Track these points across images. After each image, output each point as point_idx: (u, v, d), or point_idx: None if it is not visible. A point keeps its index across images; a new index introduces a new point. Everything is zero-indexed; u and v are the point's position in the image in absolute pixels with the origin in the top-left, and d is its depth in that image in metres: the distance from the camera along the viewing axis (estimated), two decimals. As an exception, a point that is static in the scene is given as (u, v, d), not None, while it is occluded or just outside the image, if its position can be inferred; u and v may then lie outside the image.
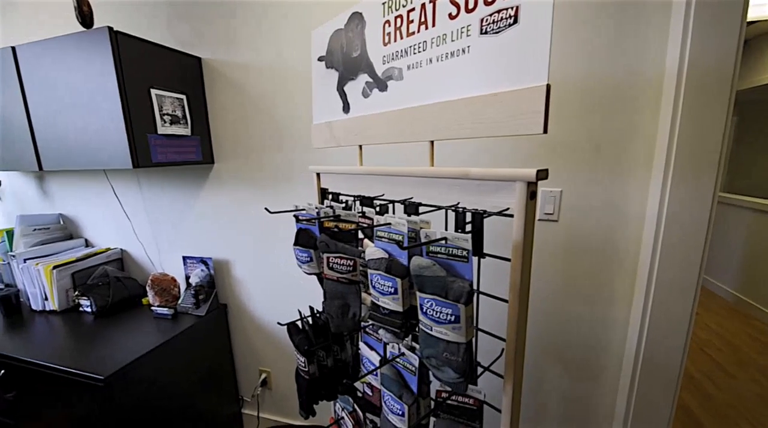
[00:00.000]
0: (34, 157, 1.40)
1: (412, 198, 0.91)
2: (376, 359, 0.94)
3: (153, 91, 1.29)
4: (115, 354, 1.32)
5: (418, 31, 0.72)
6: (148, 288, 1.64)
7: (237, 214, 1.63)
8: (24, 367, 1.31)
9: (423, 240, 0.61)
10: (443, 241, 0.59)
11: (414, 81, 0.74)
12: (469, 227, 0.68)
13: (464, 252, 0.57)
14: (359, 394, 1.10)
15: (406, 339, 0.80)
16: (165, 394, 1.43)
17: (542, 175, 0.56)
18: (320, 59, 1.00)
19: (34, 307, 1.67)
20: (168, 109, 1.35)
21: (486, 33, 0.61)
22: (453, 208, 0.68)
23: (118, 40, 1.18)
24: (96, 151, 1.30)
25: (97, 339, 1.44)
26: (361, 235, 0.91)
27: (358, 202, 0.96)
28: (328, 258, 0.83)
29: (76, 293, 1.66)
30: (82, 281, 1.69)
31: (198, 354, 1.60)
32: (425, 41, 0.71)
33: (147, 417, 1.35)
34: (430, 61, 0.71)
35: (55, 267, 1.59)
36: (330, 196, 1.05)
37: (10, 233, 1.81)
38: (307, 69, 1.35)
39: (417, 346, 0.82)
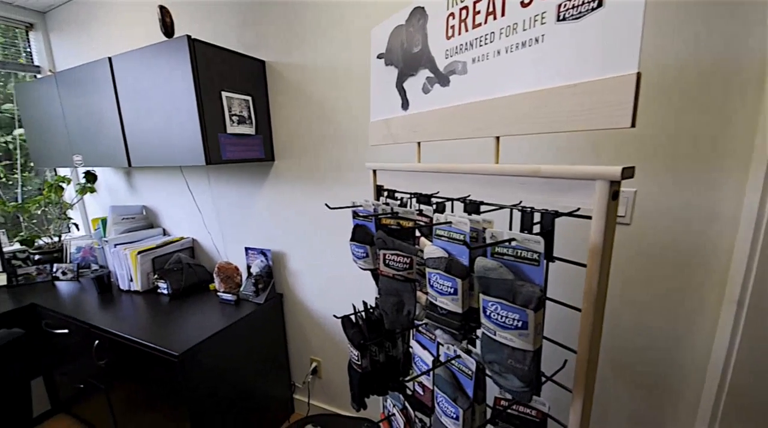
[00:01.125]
0: (124, 154, 1.58)
1: (469, 196, 0.88)
2: (428, 358, 0.93)
3: (224, 94, 1.39)
4: (187, 334, 1.45)
5: (485, 22, 0.69)
6: (214, 275, 1.79)
7: (293, 208, 1.71)
8: (113, 339, 1.49)
9: (488, 240, 0.58)
10: (511, 243, 0.56)
11: (479, 74, 0.71)
12: (536, 228, 0.64)
13: (535, 255, 0.53)
14: (409, 392, 1.10)
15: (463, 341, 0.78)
16: (227, 373, 1.54)
17: (628, 173, 0.51)
18: (379, 57, 1.00)
19: (121, 287, 1.90)
20: (236, 110, 1.44)
21: (564, 20, 0.56)
22: (520, 208, 0.65)
23: (195, 47, 1.28)
24: (174, 149, 1.44)
25: (172, 319, 1.59)
26: (417, 233, 0.90)
27: (414, 200, 0.96)
28: (384, 254, 0.83)
29: (155, 276, 1.85)
30: (160, 266, 1.89)
31: (256, 339, 1.71)
32: (493, 32, 0.68)
33: (211, 393, 1.47)
34: (498, 52, 0.67)
35: (139, 253, 1.79)
36: (386, 193, 1.05)
37: (104, 221, 2.07)
38: (364, 68, 1.37)
39: (474, 349, 0.79)
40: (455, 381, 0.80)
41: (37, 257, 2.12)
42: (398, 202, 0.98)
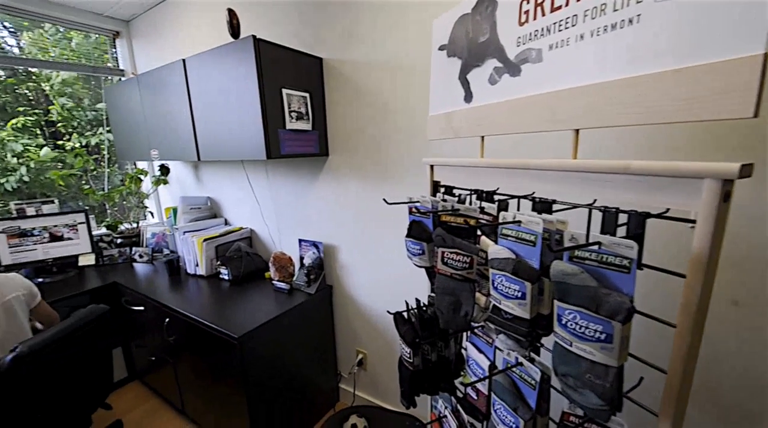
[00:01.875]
0: (194, 149, 1.71)
1: (533, 193, 0.82)
2: (484, 363, 0.89)
3: (284, 91, 1.44)
4: (245, 318, 1.54)
5: (567, 4, 0.63)
6: (270, 264, 1.88)
7: (346, 202, 1.73)
8: (181, 318, 1.63)
9: (568, 242, 0.54)
10: (597, 246, 0.51)
11: (557, 62, 0.66)
12: (621, 231, 0.57)
13: (625, 262, 0.48)
14: (459, 394, 1.07)
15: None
16: (279, 358, 1.62)
17: (746, 171, 0.44)
18: (441, 48, 0.97)
19: (188, 271, 2.07)
20: (295, 107, 1.49)
21: (668, -5, 0.50)
22: (602, 208, 0.59)
23: (260, 46, 1.34)
24: (238, 144, 1.52)
25: (231, 303, 1.70)
26: (478, 232, 0.87)
27: (474, 196, 0.92)
28: (443, 252, 0.81)
29: (218, 262, 1.99)
30: (222, 253, 2.02)
31: (306, 328, 1.77)
32: (575, 15, 0.62)
33: (265, 375, 1.55)
34: (581, 37, 0.61)
35: (205, 240, 1.94)
36: (443, 189, 1.02)
37: (175, 210, 2.27)
38: (422, 62, 1.34)
39: (537, 357, 0.75)
40: (516, 390, 0.76)
41: (119, 241, 2.37)
42: (456, 199, 0.95)
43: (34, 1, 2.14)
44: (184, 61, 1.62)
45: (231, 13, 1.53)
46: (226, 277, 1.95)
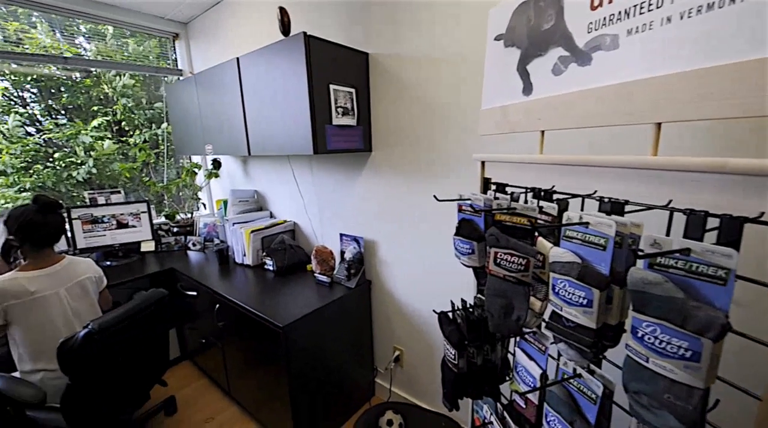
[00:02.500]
0: (245, 144, 1.78)
1: (596, 192, 0.76)
2: (535, 371, 0.85)
3: (331, 86, 1.45)
4: (289, 308, 1.59)
5: (651, -16, 0.57)
6: (312, 257, 1.92)
7: (388, 198, 1.73)
8: (230, 305, 1.71)
9: (649, 247, 0.48)
10: (685, 254, 0.46)
11: (636, 48, 0.60)
12: (709, 237, 0.51)
13: (721, 272, 0.42)
14: (504, 400, 1.03)
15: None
16: (319, 349, 1.65)
17: None
18: (497, 38, 0.93)
19: (237, 260, 2.17)
20: (341, 102, 1.50)
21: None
22: (687, 211, 0.52)
23: (310, 42, 1.36)
24: (286, 140, 1.56)
25: (276, 293, 1.76)
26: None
27: (529, 195, 0.87)
28: (496, 253, 0.77)
29: (264, 253, 2.07)
30: (267, 244, 2.11)
31: (345, 321, 1.79)
32: (662, -5, 0.56)
33: (307, 366, 1.60)
34: (668, 19, 0.55)
35: (252, 232, 2.02)
36: (493, 187, 0.98)
37: (225, 202, 2.39)
38: (472, 54, 1.29)
39: (598, 370, 0.69)
40: (573, 403, 0.71)
41: (175, 229, 2.55)
42: (508, 197, 0.91)
43: (104, 7, 2.33)
44: (238, 59, 1.69)
45: (282, 11, 1.56)
46: (270, 268, 2.03)
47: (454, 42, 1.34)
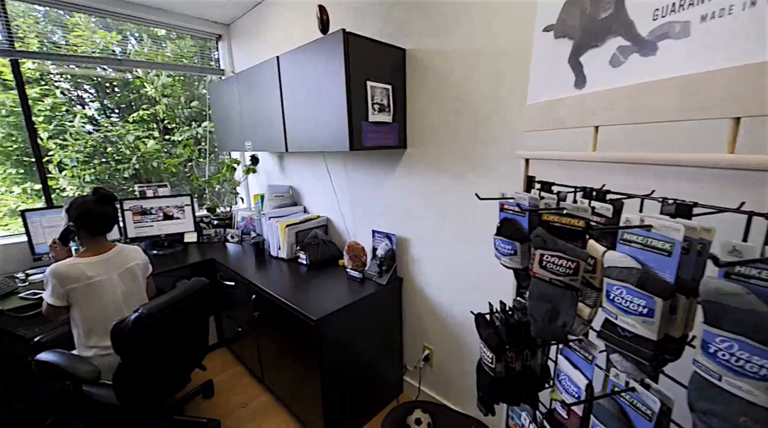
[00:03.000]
0: (283, 141, 1.83)
1: (653, 192, 0.71)
2: (580, 380, 0.80)
3: (368, 83, 1.45)
4: (322, 302, 1.61)
5: (733, -37, 0.51)
6: (344, 253, 1.94)
7: (421, 196, 1.71)
8: (265, 296, 1.77)
9: (726, 255, 0.44)
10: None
11: (711, 36, 0.54)
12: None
13: (820, 285, 0.37)
14: (543, 409, 0.99)
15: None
16: (350, 343, 1.67)
17: None
18: (547, 29, 0.88)
19: (272, 253, 2.24)
20: (377, 99, 1.50)
21: None
22: (772, 215, 0.47)
23: (348, 39, 1.36)
24: (322, 136, 1.58)
25: (309, 286, 1.80)
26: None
27: (579, 194, 0.82)
28: (541, 255, 0.74)
29: (297, 247, 2.12)
30: (301, 239, 2.15)
31: (375, 317, 1.80)
32: (747, -26, 0.50)
33: (338, 360, 1.62)
34: (752, 2, 0.49)
35: (287, 226, 2.08)
36: (538, 186, 0.94)
37: (262, 197, 2.47)
38: (515, 47, 1.24)
39: (654, 384, 0.64)
40: (624, 418, 0.67)
41: (215, 222, 2.67)
42: (555, 196, 0.86)
43: (155, 11, 2.47)
44: (278, 57, 1.73)
45: (321, 9, 1.58)
46: (304, 262, 2.07)
47: (496, 35, 1.29)
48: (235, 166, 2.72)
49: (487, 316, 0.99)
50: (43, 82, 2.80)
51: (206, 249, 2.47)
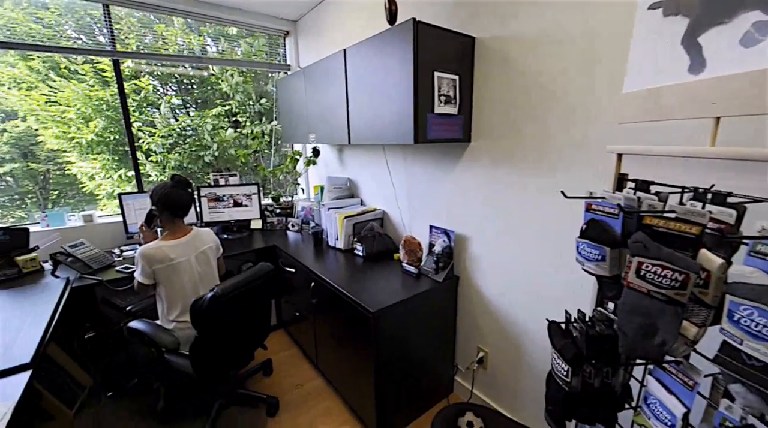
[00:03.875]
0: (346, 134, 1.85)
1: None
2: (676, 408, 0.71)
3: (436, 74, 1.41)
4: (378, 294, 1.62)
5: None
6: (400, 247, 1.93)
7: (484, 192, 1.63)
8: (324, 284, 1.82)
9: None
10: None
11: None
12: None
13: None
14: (621, 431, 0.90)
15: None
16: (404, 338, 1.66)
17: None
18: (653, 7, 0.77)
19: (330, 243, 2.31)
20: (444, 90, 1.45)
21: None
22: None
23: (418, 29, 1.33)
24: (386, 129, 1.57)
25: (365, 278, 1.82)
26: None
27: (685, 195, 0.71)
28: (640, 263, 0.66)
29: (354, 239, 2.16)
30: (358, 230, 2.19)
31: (430, 314, 1.77)
32: None
33: (393, 354, 1.62)
34: None
35: (345, 217, 2.12)
36: (629, 184, 0.83)
37: (322, 188, 2.55)
38: (607, 31, 1.12)
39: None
40: (739, 458, 0.57)
41: (277, 211, 2.81)
42: (654, 198, 0.76)
43: (229, 10, 2.63)
44: (344, 50, 1.75)
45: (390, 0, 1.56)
46: (360, 253, 2.10)
47: (586, 17, 1.17)
48: (298, 157, 2.84)
49: (563, 325, 0.91)
50: (135, 79, 3.16)
51: (269, 236, 2.62)
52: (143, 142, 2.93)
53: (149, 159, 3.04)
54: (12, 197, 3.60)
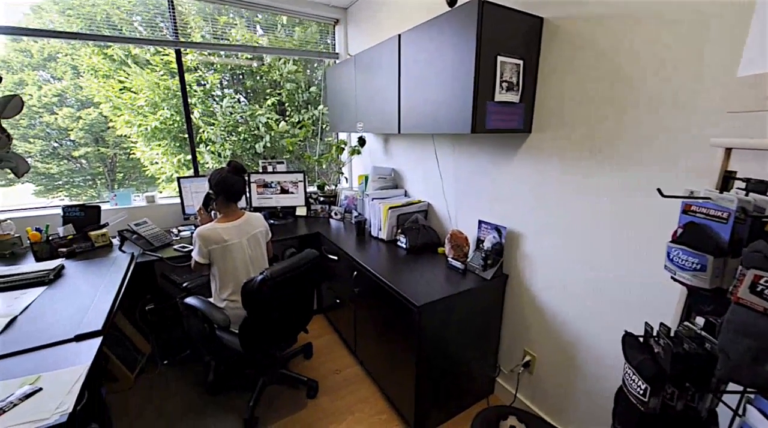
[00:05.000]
0: (396, 123, 1.81)
1: None
2: (787, 446, 0.60)
3: (499, 58, 1.32)
4: (422, 288, 1.58)
5: None
6: (446, 241, 1.87)
7: (544, 187, 1.52)
8: (368, 274, 1.81)
9: None
10: None
11: None
12: None
13: None
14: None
15: None
16: (446, 334, 1.61)
17: None
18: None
19: (372, 233, 2.29)
20: (507, 76, 1.36)
21: None
22: None
23: (483, 9, 1.24)
24: (440, 118, 1.51)
25: (408, 270, 1.78)
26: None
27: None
28: (757, 277, 0.56)
29: (398, 230, 2.12)
30: (402, 222, 2.15)
31: (475, 312, 1.70)
32: None
33: (434, 348, 1.58)
34: None
35: (390, 208, 2.09)
36: (741, 184, 0.72)
37: (366, 178, 2.53)
38: (716, 8, 0.97)
39: None
40: None
41: (321, 199, 2.85)
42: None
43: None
44: (399, 35, 1.69)
45: (450, -21, 1.48)
46: (403, 245, 2.07)
47: (679, -9, 1.02)
48: (343, 146, 2.84)
49: (641, 338, 0.82)
50: (196, 71, 3.33)
51: (312, 223, 2.66)
52: (203, 131, 3.09)
53: (207, 148, 3.20)
54: (85, 178, 3.97)
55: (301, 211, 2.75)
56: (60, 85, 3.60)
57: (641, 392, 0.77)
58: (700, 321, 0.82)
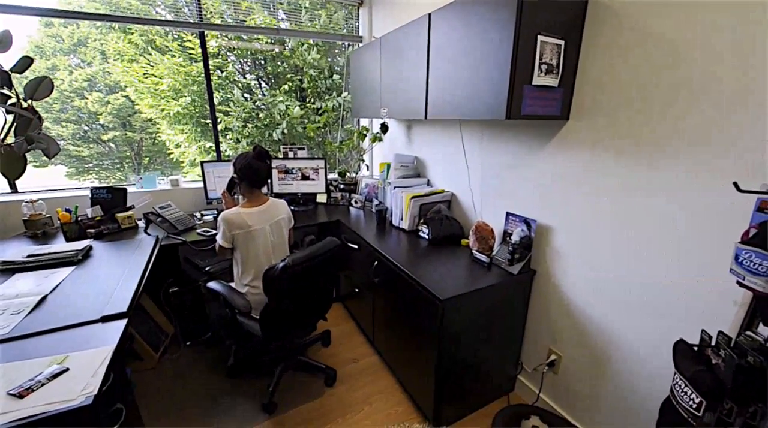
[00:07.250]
0: (423, 108, 1.73)
1: None
2: None
3: (539, 38, 1.21)
4: (446, 281, 1.53)
5: None
6: (471, 233, 1.80)
7: (580, 180, 1.43)
8: (388, 265, 1.77)
9: None
10: None
11: None
12: None
13: None
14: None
15: None
16: (468, 329, 1.56)
17: None
18: None
19: (393, 223, 2.25)
20: (546, 58, 1.26)
21: None
22: None
23: (526, -18, 1.14)
24: (470, 103, 1.42)
25: (430, 261, 1.73)
26: None
27: None
28: None
29: (420, 221, 2.07)
30: (424, 212, 2.09)
31: (500, 307, 1.63)
32: None
33: (455, 342, 1.53)
34: None
35: (412, 197, 2.03)
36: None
37: (388, 166, 2.47)
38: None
39: None
40: None
41: (341, 186, 2.81)
42: None
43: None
44: (429, 15, 1.60)
45: (487, -47, 1.37)
46: (425, 236, 2.02)
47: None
48: (365, 133, 2.78)
49: (695, 347, 0.74)
50: (218, 56, 3.31)
51: (332, 210, 2.63)
52: (220, 121, 3.09)
53: (227, 137, 3.21)
54: (113, 161, 4.09)
55: (321, 198, 2.73)
56: (90, 69, 3.69)
57: (694, 406, 0.70)
58: (762, 331, 0.73)
